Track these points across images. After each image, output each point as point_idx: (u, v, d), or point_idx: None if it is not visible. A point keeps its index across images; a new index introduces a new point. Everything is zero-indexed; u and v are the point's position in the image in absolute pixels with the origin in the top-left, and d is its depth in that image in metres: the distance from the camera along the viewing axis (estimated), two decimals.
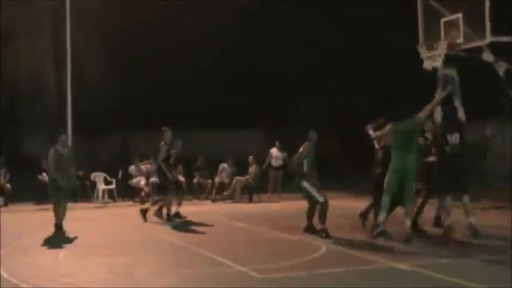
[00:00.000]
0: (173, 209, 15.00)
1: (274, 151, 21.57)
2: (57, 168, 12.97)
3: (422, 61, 15.52)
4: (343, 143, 25.55)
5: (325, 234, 11.73)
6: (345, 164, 23.30)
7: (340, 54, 26.61)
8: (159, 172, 14.90)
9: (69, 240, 12.13)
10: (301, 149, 12.26)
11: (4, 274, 8.86)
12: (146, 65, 25.21)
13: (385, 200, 11.10)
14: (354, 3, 26.24)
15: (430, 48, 16.04)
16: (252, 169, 21.42)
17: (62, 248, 11.21)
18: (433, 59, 15.46)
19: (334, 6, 26.48)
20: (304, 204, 12.38)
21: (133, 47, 25.29)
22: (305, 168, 12.10)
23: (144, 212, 15.12)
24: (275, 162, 21.41)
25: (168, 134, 14.61)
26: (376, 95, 25.39)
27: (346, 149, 24.58)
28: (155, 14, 24.47)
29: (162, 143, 14.56)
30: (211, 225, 14.31)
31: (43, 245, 11.76)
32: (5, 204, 19.80)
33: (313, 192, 12.03)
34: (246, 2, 25.00)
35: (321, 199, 11.96)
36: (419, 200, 12.07)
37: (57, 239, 12.31)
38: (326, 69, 27.05)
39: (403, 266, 8.98)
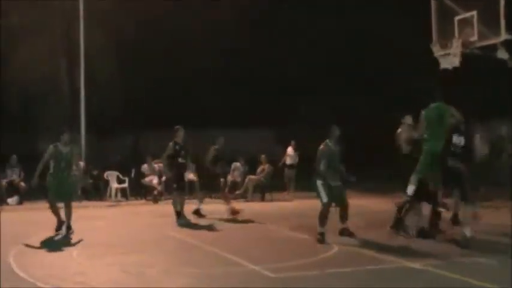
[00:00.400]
0: (194, 207, 15.44)
1: (290, 150, 21.83)
2: (54, 166, 12.68)
3: (436, 60, 15.42)
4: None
5: (320, 236, 11.22)
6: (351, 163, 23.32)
7: (346, 54, 26.59)
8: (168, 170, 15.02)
9: (83, 239, 12.15)
10: (321, 147, 11.68)
11: (19, 272, 8.90)
12: (157, 64, 25.27)
13: (414, 177, 11.45)
14: (356, 3, 26.21)
15: (444, 46, 15.96)
16: (263, 168, 21.43)
17: (75, 246, 11.23)
18: (447, 57, 15.38)
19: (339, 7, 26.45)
20: (317, 203, 12.27)
21: (145, 46, 25.34)
22: (322, 167, 11.50)
23: (197, 212, 15.45)
24: (289, 161, 21.68)
25: (180, 133, 14.61)
26: (386, 94, 25.31)
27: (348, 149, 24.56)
28: (166, 14, 24.51)
29: (172, 142, 14.58)
30: (224, 224, 14.30)
31: (56, 243, 11.79)
32: (20, 203, 19.94)
33: (321, 191, 11.44)
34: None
35: (324, 199, 11.40)
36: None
37: (70, 238, 12.36)
38: (338, 69, 27.03)
39: (415, 265, 8.95)
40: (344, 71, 26.85)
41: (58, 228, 12.73)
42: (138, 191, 21.65)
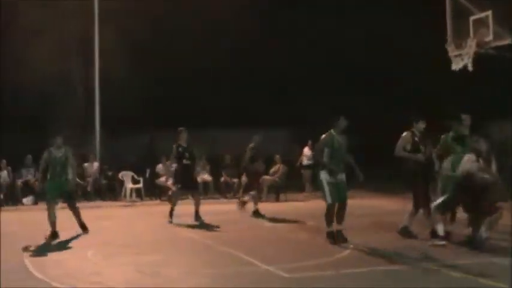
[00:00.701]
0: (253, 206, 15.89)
1: (306, 150, 21.96)
2: (50, 171, 12.49)
3: (450, 60, 15.38)
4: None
5: (330, 237, 11.09)
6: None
7: (346, 54, 26.57)
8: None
9: (97, 239, 12.21)
10: (323, 136, 11.21)
11: (34, 271, 8.97)
12: (172, 64, 25.31)
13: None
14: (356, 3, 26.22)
15: (458, 46, 15.91)
16: (278, 168, 21.44)
17: (90, 246, 11.27)
18: (461, 58, 15.34)
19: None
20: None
21: (160, 46, 25.40)
22: (325, 158, 11.03)
23: (243, 204, 16.12)
24: (306, 161, 21.83)
25: (183, 135, 14.69)
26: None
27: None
28: (180, 13, 24.55)
29: (175, 145, 14.72)
30: (238, 224, 14.32)
31: (71, 243, 11.86)
32: (35, 203, 20.06)
33: (326, 191, 11.02)
34: None
35: (329, 200, 11.01)
36: None
37: (85, 237, 12.42)
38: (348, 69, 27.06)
39: (429, 266, 8.93)
40: (362, 71, 26.81)
41: (51, 237, 12.16)
42: (153, 191, 21.72)
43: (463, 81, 18.46)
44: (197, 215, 14.63)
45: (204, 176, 21.92)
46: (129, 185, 21.32)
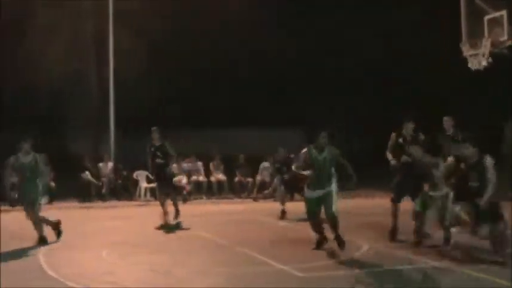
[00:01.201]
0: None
1: None
2: (19, 177, 12.04)
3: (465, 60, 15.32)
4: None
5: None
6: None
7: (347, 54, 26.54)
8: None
9: (112, 238, 12.25)
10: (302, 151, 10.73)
11: (48, 270, 9.03)
12: (184, 64, 25.36)
13: None
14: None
15: (473, 46, 15.84)
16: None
17: (105, 245, 11.31)
18: (476, 57, 15.28)
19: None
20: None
21: (173, 46, 25.44)
22: (294, 167, 11.02)
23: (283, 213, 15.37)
24: None
25: (155, 135, 14.75)
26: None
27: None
28: (195, 13, 24.60)
29: (148, 144, 14.84)
30: (253, 224, 14.34)
31: (86, 242, 11.91)
32: (50, 202, 20.14)
33: (306, 205, 10.67)
34: None
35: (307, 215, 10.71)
36: None
37: (100, 237, 12.47)
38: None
39: (444, 265, 8.90)
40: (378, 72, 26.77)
41: (39, 242, 11.70)
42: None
43: (473, 82, 18.45)
44: (176, 214, 14.57)
45: (219, 176, 21.96)
46: (144, 185, 21.35)
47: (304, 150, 10.65)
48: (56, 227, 12.26)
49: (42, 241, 11.70)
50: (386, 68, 26.13)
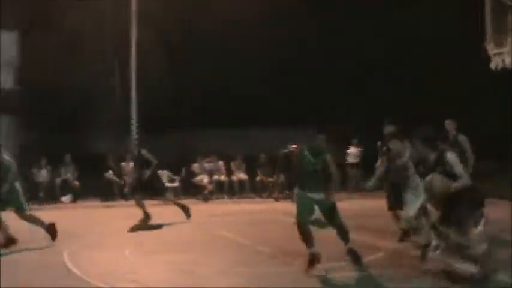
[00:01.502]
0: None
1: (352, 149, 22.19)
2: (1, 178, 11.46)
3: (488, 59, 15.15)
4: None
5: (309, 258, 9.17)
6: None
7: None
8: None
9: (135, 237, 12.31)
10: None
11: (73, 269, 9.09)
12: (205, 64, 25.38)
13: None
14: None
15: (499, 44, 15.66)
16: None
17: (128, 245, 11.37)
18: (501, 56, 15.11)
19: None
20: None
21: (194, 46, 25.49)
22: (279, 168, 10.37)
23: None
24: (352, 159, 22.04)
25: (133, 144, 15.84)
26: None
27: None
28: (215, 14, 24.61)
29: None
30: (274, 224, 14.32)
31: (110, 241, 11.98)
32: (73, 201, 20.35)
33: (296, 204, 9.45)
34: None
35: (297, 215, 9.32)
36: None
37: (123, 236, 12.53)
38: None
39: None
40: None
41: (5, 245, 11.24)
42: (189, 190, 21.82)
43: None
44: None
45: (240, 175, 21.99)
46: (166, 184, 21.42)
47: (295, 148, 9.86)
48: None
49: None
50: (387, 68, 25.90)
